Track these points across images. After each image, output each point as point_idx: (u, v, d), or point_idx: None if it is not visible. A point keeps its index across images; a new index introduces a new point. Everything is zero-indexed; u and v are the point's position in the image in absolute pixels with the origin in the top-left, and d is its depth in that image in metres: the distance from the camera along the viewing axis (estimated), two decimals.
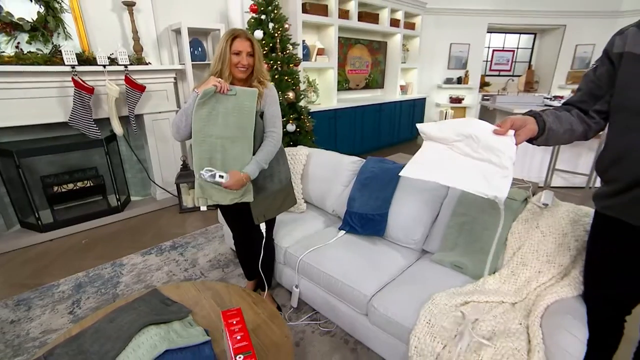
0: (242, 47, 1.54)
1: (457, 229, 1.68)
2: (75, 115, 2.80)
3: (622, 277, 1.16)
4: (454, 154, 1.11)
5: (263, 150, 1.63)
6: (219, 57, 1.55)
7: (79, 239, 2.95)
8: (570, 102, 1.21)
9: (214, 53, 1.62)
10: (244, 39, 1.55)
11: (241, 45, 1.54)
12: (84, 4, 2.86)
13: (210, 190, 1.61)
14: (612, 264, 1.18)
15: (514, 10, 6.44)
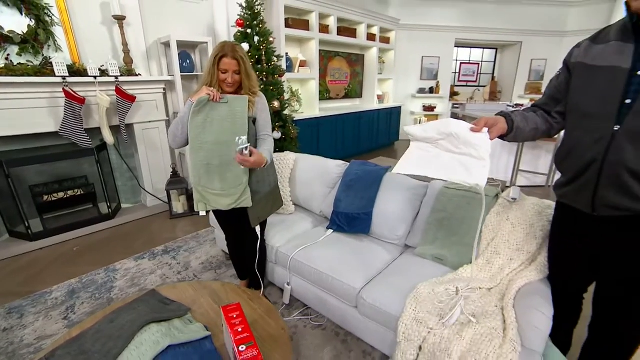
0: (228, 66, 1.53)
1: (437, 224, 1.74)
2: (66, 125, 2.72)
3: (577, 260, 1.25)
4: (439, 151, 1.19)
5: (266, 147, 1.65)
6: (208, 71, 1.56)
7: (70, 247, 2.84)
8: (537, 104, 1.32)
9: (205, 65, 1.63)
10: (230, 58, 1.53)
11: (227, 65, 1.53)
12: (75, 17, 2.79)
13: (208, 196, 1.61)
14: (569, 248, 1.28)
15: (478, 28, 6.74)
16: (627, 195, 1.00)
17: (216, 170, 1.58)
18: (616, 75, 1.01)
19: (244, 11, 3.29)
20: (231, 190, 1.62)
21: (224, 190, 1.62)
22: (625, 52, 1.00)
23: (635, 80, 0.97)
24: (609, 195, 1.04)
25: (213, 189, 1.60)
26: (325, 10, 4.70)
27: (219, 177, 1.58)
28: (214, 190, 1.61)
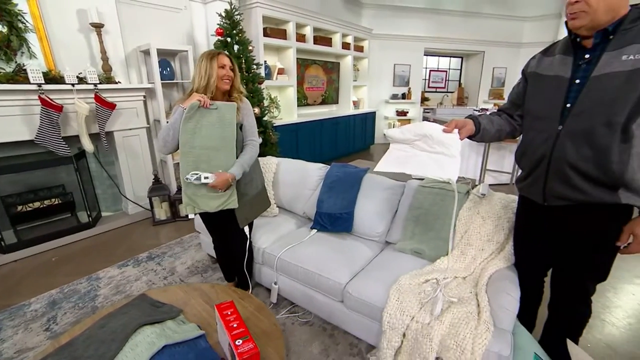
0: (225, 61, 1.62)
1: (414, 220, 1.82)
2: (43, 133, 2.61)
3: (536, 247, 1.38)
4: (415, 150, 1.28)
5: (245, 154, 1.68)
6: (204, 74, 1.58)
7: (47, 257, 2.71)
8: (501, 108, 1.45)
9: (193, 72, 1.64)
10: (224, 55, 1.63)
11: (224, 60, 1.62)
12: (50, 24, 2.69)
13: (197, 199, 1.61)
14: (529, 237, 1.40)
15: (445, 38, 7.06)
16: (569, 186, 1.12)
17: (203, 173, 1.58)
18: (559, 83, 1.14)
19: (223, 20, 3.30)
20: (219, 192, 1.63)
21: (211, 192, 1.63)
22: (567, 64, 1.13)
23: (573, 87, 1.10)
24: (555, 187, 1.15)
25: (201, 191, 1.61)
26: (302, 20, 4.77)
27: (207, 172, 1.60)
28: (202, 192, 1.62)
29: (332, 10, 5.83)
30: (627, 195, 1.06)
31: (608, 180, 1.05)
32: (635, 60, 0.98)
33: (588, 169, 1.07)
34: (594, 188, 1.08)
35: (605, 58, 1.03)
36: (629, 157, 1.02)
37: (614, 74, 1.01)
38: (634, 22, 1.00)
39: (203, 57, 1.60)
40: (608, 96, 1.02)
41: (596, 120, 1.04)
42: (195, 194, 1.61)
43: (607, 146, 1.03)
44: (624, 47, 1.00)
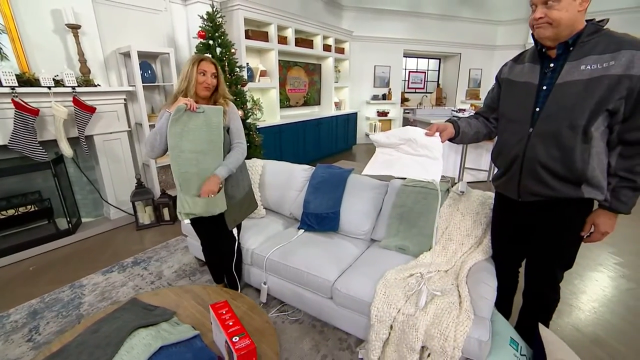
0: (208, 68, 1.63)
1: (398, 218, 1.91)
2: (17, 138, 2.52)
3: (511, 239, 1.50)
4: (400, 154, 1.36)
5: (232, 156, 1.71)
6: (185, 77, 1.61)
7: (25, 267, 2.62)
8: (478, 112, 1.56)
9: (179, 75, 1.66)
10: (209, 62, 1.65)
11: (207, 67, 1.63)
12: (22, 24, 2.61)
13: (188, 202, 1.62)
14: (505, 230, 1.52)
15: (422, 40, 7.27)
16: (540, 183, 1.23)
17: (194, 177, 1.61)
18: (529, 89, 1.25)
19: (205, 23, 3.30)
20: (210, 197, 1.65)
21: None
22: (535, 72, 1.25)
23: (541, 93, 1.22)
24: (528, 184, 1.27)
25: (191, 195, 1.63)
26: (284, 22, 4.81)
27: (197, 184, 1.62)
28: (192, 196, 1.64)
29: (313, 13, 5.90)
30: (589, 190, 1.18)
31: (573, 177, 1.17)
32: (592, 70, 1.09)
33: (556, 167, 1.18)
34: (562, 184, 1.20)
35: (567, 67, 1.14)
36: (590, 157, 1.14)
37: (575, 82, 1.12)
38: (590, 35, 1.12)
39: (189, 60, 1.63)
40: (570, 102, 1.13)
41: (561, 124, 1.15)
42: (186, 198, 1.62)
43: (572, 147, 1.14)
44: (582, 58, 1.12)
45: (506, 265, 1.59)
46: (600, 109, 1.10)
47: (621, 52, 1.06)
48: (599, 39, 1.11)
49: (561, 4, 1.07)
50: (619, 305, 2.10)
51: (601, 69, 1.08)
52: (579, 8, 1.09)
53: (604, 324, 1.93)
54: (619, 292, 2.23)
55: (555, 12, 1.09)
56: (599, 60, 1.09)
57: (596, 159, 1.15)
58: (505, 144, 1.35)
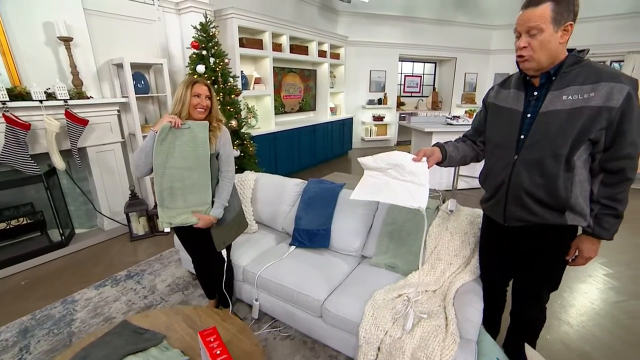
0: (201, 90, 1.64)
1: (388, 236, 1.93)
2: (8, 152, 2.52)
3: (498, 260, 1.52)
4: (388, 178, 1.38)
5: (223, 191, 1.74)
6: (178, 100, 1.62)
7: (17, 281, 2.62)
8: (466, 135, 1.58)
9: (174, 96, 1.67)
10: (202, 84, 1.66)
11: (200, 89, 1.64)
12: (13, 37, 2.60)
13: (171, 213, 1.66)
14: (492, 251, 1.54)
15: (418, 45, 7.31)
16: (525, 209, 1.26)
17: (179, 192, 1.64)
18: (514, 116, 1.28)
19: (199, 33, 3.31)
20: (194, 208, 1.68)
21: (188, 207, 1.68)
22: (520, 99, 1.27)
23: (526, 120, 1.25)
24: (514, 210, 1.29)
25: (176, 207, 1.66)
26: (278, 29, 4.82)
27: (182, 198, 1.65)
28: (178, 208, 1.67)
29: (308, 19, 5.92)
30: (572, 217, 1.21)
31: (556, 204, 1.20)
32: (573, 101, 1.12)
33: (540, 195, 1.21)
34: (546, 211, 1.23)
35: (549, 97, 1.17)
36: (572, 185, 1.17)
37: (557, 112, 1.15)
38: (571, 66, 1.15)
39: (182, 83, 1.64)
40: (553, 131, 1.16)
41: (545, 152, 1.18)
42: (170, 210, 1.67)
43: (555, 175, 1.17)
44: (564, 88, 1.14)
45: (494, 286, 1.61)
46: (582, 138, 1.12)
47: (600, 84, 1.09)
48: (580, 69, 1.14)
49: (543, 34, 1.10)
50: (606, 319, 2.13)
51: (582, 99, 1.11)
52: (560, 40, 1.12)
53: (591, 339, 1.96)
54: (607, 305, 2.27)
55: (537, 43, 1.12)
56: (579, 91, 1.12)
57: (579, 187, 1.18)
58: (492, 169, 1.37)
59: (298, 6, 5.71)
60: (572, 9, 1.09)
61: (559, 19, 1.08)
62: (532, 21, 1.10)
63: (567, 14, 1.08)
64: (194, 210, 1.69)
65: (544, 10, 1.08)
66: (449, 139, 1.53)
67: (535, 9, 1.10)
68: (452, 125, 4.38)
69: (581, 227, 1.25)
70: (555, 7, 1.08)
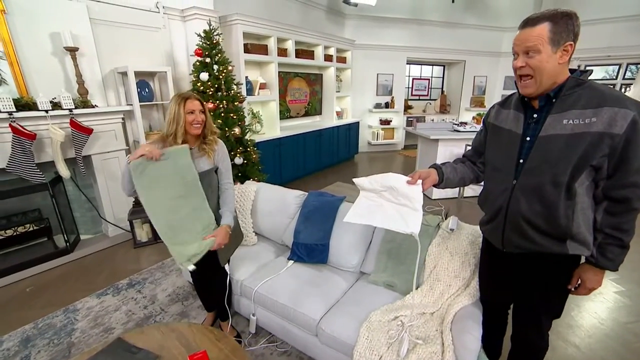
0: (194, 106, 1.61)
1: (387, 254, 1.90)
2: (15, 162, 2.57)
3: (498, 284, 1.47)
4: (382, 200, 1.34)
5: (229, 201, 1.75)
6: (172, 119, 1.58)
7: (22, 287, 2.67)
8: (465, 155, 1.53)
9: (167, 115, 1.63)
10: (194, 99, 1.62)
11: (193, 105, 1.60)
12: (21, 49, 2.65)
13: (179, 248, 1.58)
14: (492, 274, 1.49)
15: (426, 47, 7.21)
16: (524, 237, 1.21)
17: (178, 224, 1.57)
18: (513, 138, 1.22)
19: (203, 41, 3.32)
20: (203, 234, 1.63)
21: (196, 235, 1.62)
22: (519, 120, 1.22)
23: (525, 144, 1.19)
24: (511, 237, 1.24)
25: (184, 240, 1.58)
26: (283, 34, 4.81)
27: (184, 228, 1.58)
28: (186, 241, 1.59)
29: (315, 23, 5.90)
30: (574, 246, 1.15)
31: (556, 233, 1.14)
32: (574, 125, 1.07)
33: (539, 223, 1.16)
34: (545, 240, 1.17)
35: (549, 120, 1.12)
36: (574, 213, 1.11)
37: (557, 136, 1.09)
38: (572, 89, 1.09)
39: (173, 100, 1.60)
40: (553, 156, 1.10)
41: (544, 178, 1.12)
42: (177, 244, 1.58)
43: (555, 203, 1.11)
44: (565, 111, 1.09)
45: (494, 309, 1.56)
46: (583, 165, 1.07)
47: (603, 109, 1.03)
48: (582, 92, 1.08)
49: (541, 55, 1.05)
50: (616, 341, 2.05)
51: (583, 124, 1.05)
52: (559, 60, 1.06)
53: None
54: (617, 326, 2.18)
55: (536, 63, 1.07)
56: (580, 116, 1.06)
57: (581, 215, 1.12)
58: (490, 193, 1.32)
59: (304, 10, 5.69)
60: (571, 29, 1.04)
61: (557, 39, 1.03)
62: (529, 41, 1.06)
63: (566, 34, 1.03)
64: (203, 235, 1.62)
65: (541, 30, 1.04)
66: (455, 147, 1.49)
67: (532, 29, 1.05)
68: (459, 132, 4.30)
69: (584, 256, 1.19)
70: (553, 28, 1.03)
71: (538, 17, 1.05)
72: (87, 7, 2.97)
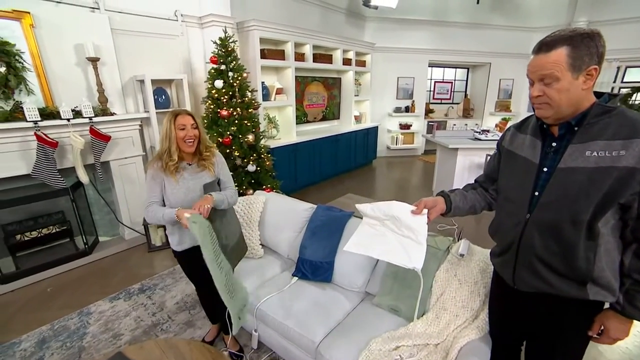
0: (185, 121, 1.59)
1: (392, 276, 1.82)
2: (39, 168, 2.69)
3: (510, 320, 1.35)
4: (385, 230, 1.27)
5: (227, 193, 1.75)
6: (165, 136, 1.58)
7: (43, 287, 2.80)
8: (477, 180, 1.42)
9: (161, 132, 1.63)
10: (185, 114, 1.60)
11: (184, 120, 1.59)
12: (48, 61, 2.77)
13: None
14: (503, 309, 1.37)
15: (449, 50, 6.97)
16: (537, 277, 1.09)
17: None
18: (528, 167, 1.10)
19: (218, 48, 3.34)
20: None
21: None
22: (536, 148, 1.10)
23: (542, 175, 1.07)
24: (524, 276, 1.13)
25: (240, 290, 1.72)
26: (301, 39, 4.78)
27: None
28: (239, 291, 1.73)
29: (334, 26, 5.83)
30: (596, 291, 1.02)
31: (575, 276, 1.02)
32: (599, 158, 0.95)
33: (555, 263, 1.05)
34: (562, 282, 1.05)
35: (570, 150, 1.00)
36: (596, 255, 0.99)
37: (578, 170, 0.98)
38: (598, 117, 0.97)
39: (166, 117, 1.60)
40: (572, 192, 0.99)
41: (562, 215, 1.01)
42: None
43: (573, 243, 1.00)
44: (588, 142, 0.97)
45: (504, 345, 1.44)
46: (608, 203, 0.95)
47: (635, 141, 0.91)
48: (609, 120, 0.96)
49: (561, 83, 0.94)
50: None
51: (609, 158, 0.93)
52: (582, 86, 0.95)
53: None
54: None
55: (554, 92, 0.96)
56: (607, 147, 0.94)
57: (605, 257, 1.00)
58: (502, 225, 1.22)
59: (324, 14, 5.64)
60: (594, 51, 0.91)
61: (578, 64, 0.92)
62: (545, 69, 0.94)
63: (588, 58, 0.91)
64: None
65: (558, 56, 0.92)
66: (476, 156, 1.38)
67: (548, 55, 0.94)
68: (480, 140, 4.10)
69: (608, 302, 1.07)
70: (572, 52, 0.91)
71: (554, 41, 0.94)
72: (109, 18, 3.06)
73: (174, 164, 1.59)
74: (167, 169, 1.59)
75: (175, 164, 1.59)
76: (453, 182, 4.10)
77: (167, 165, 1.58)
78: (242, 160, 3.44)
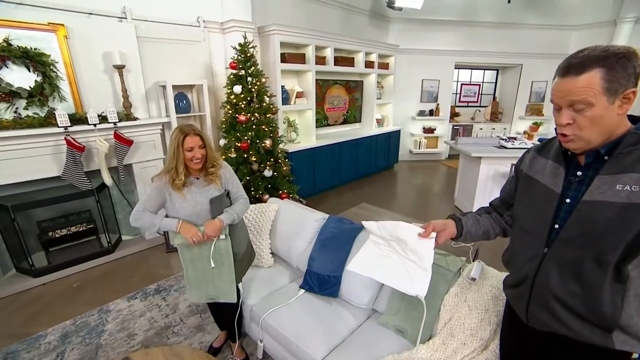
0: (193, 142, 1.59)
1: (400, 296, 1.75)
2: (68, 170, 2.85)
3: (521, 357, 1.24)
4: (390, 251, 1.22)
5: (237, 206, 1.76)
6: (172, 156, 1.59)
7: (71, 282, 2.96)
8: (492, 204, 1.32)
9: (168, 147, 1.65)
10: (193, 135, 1.60)
11: (192, 142, 1.59)
12: (79, 69, 2.92)
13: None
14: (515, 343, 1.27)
15: (477, 51, 6.68)
16: (554, 317, 0.99)
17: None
18: (549, 197, 0.99)
19: (238, 54, 3.38)
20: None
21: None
22: (559, 175, 0.99)
23: (563, 206, 0.96)
24: (538, 314, 1.03)
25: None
26: (322, 42, 4.74)
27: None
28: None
29: (357, 28, 5.75)
30: (623, 340, 0.91)
31: (599, 321, 0.91)
32: (631, 193, 0.83)
33: (575, 305, 0.94)
34: (583, 326, 0.94)
35: (597, 182, 0.88)
36: (624, 300, 0.88)
37: (607, 204, 0.86)
38: (632, 145, 0.85)
39: (174, 134, 1.60)
40: (599, 229, 0.87)
41: (585, 254, 0.90)
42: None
43: (597, 285, 0.89)
44: (620, 174, 0.85)
45: None
46: None
47: None
48: None
49: (594, 109, 0.83)
50: None
51: None
52: (618, 111, 0.83)
53: None
54: None
55: (586, 120, 0.85)
56: None
57: (635, 303, 0.88)
58: (516, 257, 1.11)
59: (346, 16, 5.57)
60: (631, 72, 0.80)
61: (614, 87, 0.80)
62: (575, 94, 0.83)
63: (625, 80, 0.80)
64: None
65: (591, 79, 0.81)
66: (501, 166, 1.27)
67: (577, 78, 0.82)
68: (506, 148, 3.88)
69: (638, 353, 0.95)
70: (607, 74, 0.80)
71: (584, 62, 0.82)
72: (135, 26, 3.17)
73: (182, 182, 1.61)
74: (174, 185, 1.61)
75: (182, 181, 1.61)
76: (475, 192, 3.92)
77: (174, 182, 1.61)
78: (259, 166, 3.47)
